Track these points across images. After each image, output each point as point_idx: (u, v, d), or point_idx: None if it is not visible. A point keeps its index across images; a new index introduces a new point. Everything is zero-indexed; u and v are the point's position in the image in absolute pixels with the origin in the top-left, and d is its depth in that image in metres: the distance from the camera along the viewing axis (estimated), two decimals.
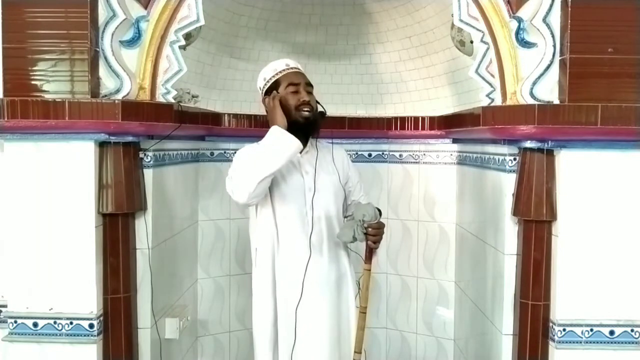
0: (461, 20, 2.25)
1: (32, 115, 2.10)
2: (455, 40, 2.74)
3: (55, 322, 2.20)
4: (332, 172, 2.20)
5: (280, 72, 2.18)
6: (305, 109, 2.10)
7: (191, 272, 3.10)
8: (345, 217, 2.25)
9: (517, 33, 2.20)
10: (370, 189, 3.17)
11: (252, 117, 3.15)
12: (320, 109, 2.19)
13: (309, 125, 2.12)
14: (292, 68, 2.20)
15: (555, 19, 2.14)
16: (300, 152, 2.14)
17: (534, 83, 2.16)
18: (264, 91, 2.23)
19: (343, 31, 3.27)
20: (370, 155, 3.36)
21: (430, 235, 3.27)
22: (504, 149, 2.35)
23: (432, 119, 3.17)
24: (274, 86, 2.17)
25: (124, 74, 2.18)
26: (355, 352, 2.11)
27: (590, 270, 2.16)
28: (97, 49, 2.17)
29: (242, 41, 3.18)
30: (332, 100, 3.27)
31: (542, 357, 2.23)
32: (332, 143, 2.29)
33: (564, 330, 2.17)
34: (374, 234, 2.05)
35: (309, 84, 2.17)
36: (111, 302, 2.27)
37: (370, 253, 2.11)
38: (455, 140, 3.13)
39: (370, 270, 2.09)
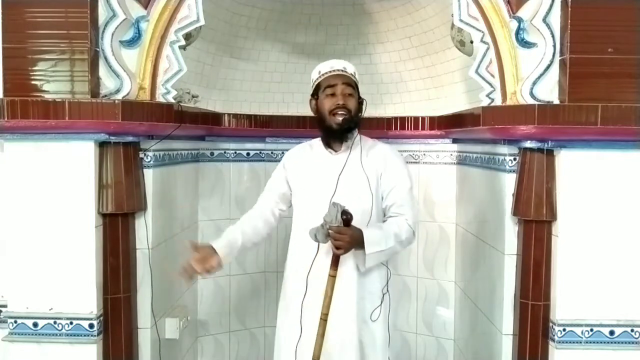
0: (461, 20, 2.25)
1: (32, 115, 2.10)
2: (455, 40, 2.74)
3: (55, 322, 2.20)
4: (361, 173, 2.12)
5: (323, 74, 2.14)
6: (339, 114, 2.07)
7: None
8: (384, 220, 2.16)
9: (517, 33, 2.20)
10: None
11: (252, 117, 3.15)
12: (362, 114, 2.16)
13: (346, 130, 2.09)
14: (334, 70, 2.13)
15: (555, 19, 2.14)
16: (336, 151, 2.16)
17: (534, 83, 2.16)
18: (311, 92, 2.22)
19: (343, 31, 3.27)
20: None
21: (430, 235, 3.27)
22: (504, 149, 2.35)
23: (432, 119, 3.17)
24: (317, 88, 2.15)
25: (124, 74, 2.18)
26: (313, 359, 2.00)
27: (590, 270, 2.16)
28: (97, 49, 2.17)
29: (242, 41, 3.18)
30: None
31: (542, 357, 2.23)
32: (380, 142, 2.29)
33: (564, 330, 2.17)
34: (334, 237, 1.93)
35: (348, 84, 2.10)
36: (111, 302, 2.27)
37: (335, 259, 1.99)
38: (455, 140, 3.13)
39: (334, 277, 1.98)
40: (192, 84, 2.86)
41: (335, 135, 2.13)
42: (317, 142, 2.25)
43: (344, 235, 1.93)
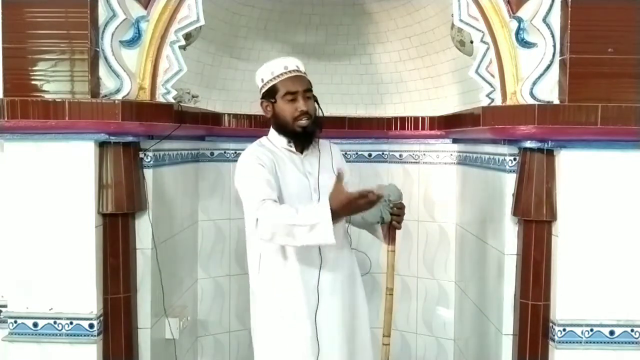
0: (461, 20, 2.25)
1: (32, 115, 2.10)
2: (455, 40, 2.74)
3: (55, 322, 2.20)
4: (332, 171, 2.11)
5: (278, 76, 2.05)
6: (303, 119, 2.01)
7: (191, 272, 3.10)
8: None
9: (517, 33, 2.20)
10: None
11: (252, 117, 3.15)
12: (319, 111, 2.10)
13: (311, 134, 2.06)
14: (290, 72, 2.05)
15: (555, 19, 2.15)
16: (302, 153, 2.12)
17: (534, 83, 2.16)
18: (261, 93, 2.13)
19: (343, 31, 3.27)
20: (370, 155, 3.35)
21: (430, 235, 3.27)
22: (504, 149, 2.35)
23: (432, 119, 3.17)
24: (272, 91, 2.06)
25: (124, 74, 2.19)
26: (384, 335, 2.07)
27: (590, 270, 2.16)
28: (97, 49, 2.18)
29: (242, 41, 3.18)
30: (332, 100, 3.27)
31: (542, 357, 2.23)
32: (329, 140, 2.26)
33: (564, 330, 2.17)
34: (399, 213, 2.03)
35: (308, 89, 2.05)
36: (111, 302, 2.27)
37: (394, 233, 2.08)
38: (455, 140, 3.13)
39: (394, 251, 2.08)
40: (192, 84, 2.86)
41: (301, 139, 2.08)
42: (273, 145, 2.12)
43: (404, 210, 2.07)
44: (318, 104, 2.10)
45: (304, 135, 2.06)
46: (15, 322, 2.20)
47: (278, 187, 1.99)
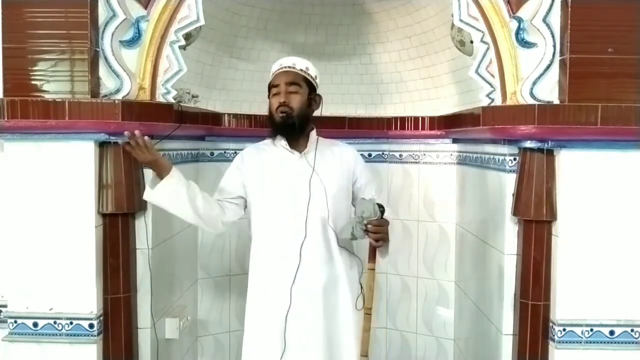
0: (461, 20, 2.25)
1: (32, 115, 2.10)
2: (455, 40, 2.74)
3: (55, 322, 2.20)
4: (334, 172, 2.13)
5: (272, 74, 2.15)
6: (280, 109, 2.05)
7: (191, 272, 3.10)
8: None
9: (517, 33, 2.20)
10: None
11: (252, 117, 3.15)
12: (319, 109, 2.16)
13: (289, 126, 2.07)
14: (282, 68, 2.12)
15: (555, 19, 2.15)
16: (300, 153, 2.13)
17: (534, 83, 2.16)
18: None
19: (343, 31, 3.27)
20: (370, 155, 3.35)
21: (430, 235, 3.27)
22: (504, 149, 2.35)
23: (432, 119, 3.17)
24: (268, 89, 2.16)
25: (124, 74, 2.19)
26: (361, 355, 2.04)
27: (590, 270, 2.16)
28: (97, 49, 2.18)
29: (242, 41, 3.18)
30: (332, 100, 3.26)
31: (542, 357, 2.23)
32: (340, 140, 2.28)
33: (564, 330, 2.17)
34: (373, 231, 1.95)
35: (292, 83, 2.08)
36: (111, 302, 2.27)
37: (373, 252, 2.02)
38: (455, 140, 3.13)
39: (373, 269, 2.01)
40: (192, 84, 2.86)
41: (280, 132, 2.10)
42: (273, 145, 2.18)
43: (384, 227, 1.98)
44: (318, 101, 2.15)
45: (283, 127, 2.08)
46: (15, 322, 2.20)
47: (242, 192, 2.16)
